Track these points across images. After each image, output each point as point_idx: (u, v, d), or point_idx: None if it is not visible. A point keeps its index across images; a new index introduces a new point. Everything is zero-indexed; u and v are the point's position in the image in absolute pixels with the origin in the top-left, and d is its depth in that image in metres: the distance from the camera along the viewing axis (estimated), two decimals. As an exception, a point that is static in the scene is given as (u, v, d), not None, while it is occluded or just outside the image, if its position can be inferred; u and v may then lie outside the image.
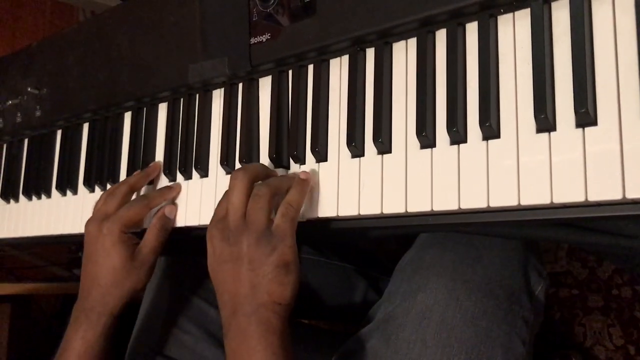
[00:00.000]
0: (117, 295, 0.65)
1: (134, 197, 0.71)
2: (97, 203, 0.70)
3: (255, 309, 0.53)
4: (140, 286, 0.67)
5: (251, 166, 0.60)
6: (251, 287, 0.53)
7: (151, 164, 0.74)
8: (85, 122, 0.86)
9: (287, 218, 0.55)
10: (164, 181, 0.74)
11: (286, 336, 0.54)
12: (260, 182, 0.58)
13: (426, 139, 0.52)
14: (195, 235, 0.70)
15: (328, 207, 0.58)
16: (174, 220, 0.69)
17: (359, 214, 0.55)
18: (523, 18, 0.49)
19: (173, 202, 0.71)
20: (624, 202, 0.43)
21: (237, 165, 0.67)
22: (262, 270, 0.53)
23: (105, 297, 0.65)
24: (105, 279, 0.65)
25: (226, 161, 0.67)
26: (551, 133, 0.46)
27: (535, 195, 0.46)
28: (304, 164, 0.61)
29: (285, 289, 0.54)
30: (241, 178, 0.56)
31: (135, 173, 0.74)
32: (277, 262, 0.53)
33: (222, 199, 0.59)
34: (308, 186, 0.59)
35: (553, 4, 0.48)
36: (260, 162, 0.65)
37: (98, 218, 0.67)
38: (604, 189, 0.43)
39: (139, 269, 0.66)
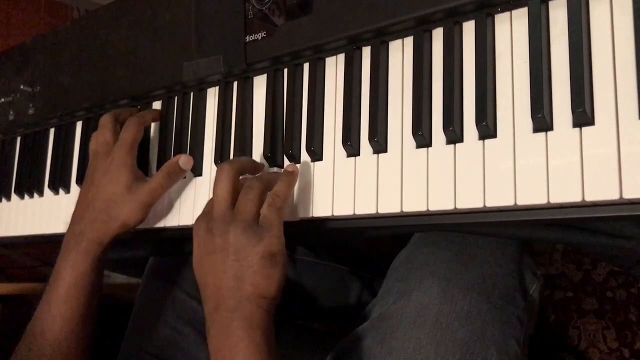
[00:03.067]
0: (107, 222, 0.65)
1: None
2: (91, 142, 0.71)
3: (239, 302, 0.52)
4: (131, 222, 0.66)
5: (237, 159, 0.60)
6: (235, 279, 0.52)
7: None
8: (78, 120, 0.85)
9: (274, 208, 0.55)
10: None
11: (270, 331, 0.53)
12: (251, 176, 0.58)
13: (422, 138, 0.52)
14: (188, 235, 0.70)
15: (323, 206, 0.57)
16: (185, 172, 0.68)
17: (354, 214, 0.55)
18: (520, 17, 0.49)
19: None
20: (621, 203, 0.42)
21: (232, 164, 0.66)
22: (247, 260, 0.52)
23: (96, 222, 0.65)
24: (100, 204, 0.65)
25: (220, 160, 0.66)
26: (548, 133, 0.46)
27: (531, 195, 0.45)
28: (299, 163, 0.61)
29: (270, 282, 0.53)
30: (227, 170, 0.56)
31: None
32: (262, 253, 0.52)
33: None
34: (295, 178, 0.59)
35: (550, 3, 0.48)
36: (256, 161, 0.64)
37: (102, 151, 0.68)
38: (601, 189, 0.42)
39: (134, 202, 0.65)
